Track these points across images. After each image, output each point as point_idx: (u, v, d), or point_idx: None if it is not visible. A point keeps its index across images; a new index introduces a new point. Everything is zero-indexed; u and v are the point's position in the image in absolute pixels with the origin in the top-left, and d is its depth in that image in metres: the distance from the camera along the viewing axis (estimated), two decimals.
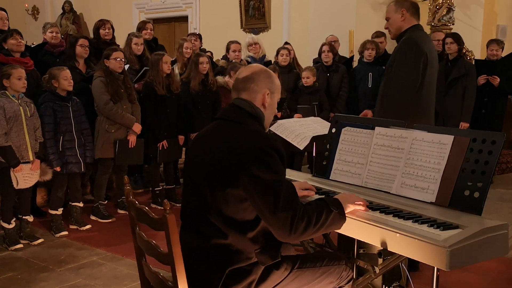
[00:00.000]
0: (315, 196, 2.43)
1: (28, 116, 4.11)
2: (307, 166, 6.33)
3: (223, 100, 5.50)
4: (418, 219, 2.08)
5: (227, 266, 1.93)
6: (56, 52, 5.33)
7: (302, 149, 4.58)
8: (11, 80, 4.03)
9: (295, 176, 2.81)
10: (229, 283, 1.93)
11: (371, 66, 5.92)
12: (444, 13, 7.71)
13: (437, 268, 2.10)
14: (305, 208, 1.95)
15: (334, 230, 2.12)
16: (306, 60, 7.14)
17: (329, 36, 6.75)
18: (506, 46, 6.68)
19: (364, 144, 2.66)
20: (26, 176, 4.10)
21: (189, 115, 5.38)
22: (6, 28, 5.10)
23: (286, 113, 5.62)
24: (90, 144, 4.59)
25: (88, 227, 4.64)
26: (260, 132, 2.05)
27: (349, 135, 2.75)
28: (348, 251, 2.54)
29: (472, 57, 7.26)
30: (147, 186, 5.89)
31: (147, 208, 1.95)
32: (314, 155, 4.89)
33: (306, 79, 5.75)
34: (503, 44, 6.35)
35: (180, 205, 2.25)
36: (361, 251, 2.49)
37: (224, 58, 6.42)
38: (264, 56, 6.46)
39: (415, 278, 3.13)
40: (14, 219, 4.17)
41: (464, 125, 5.70)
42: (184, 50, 5.87)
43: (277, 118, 5.05)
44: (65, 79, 4.33)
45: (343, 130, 2.78)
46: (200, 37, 7.13)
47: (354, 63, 6.60)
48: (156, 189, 5.35)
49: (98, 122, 4.77)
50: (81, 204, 4.65)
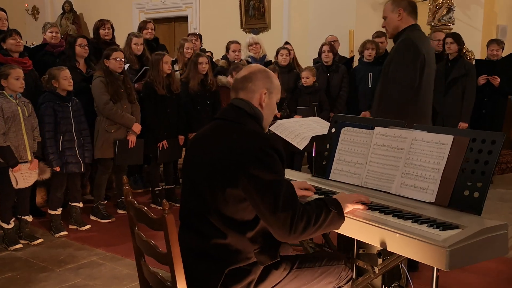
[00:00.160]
0: (314, 196, 2.43)
1: (26, 116, 4.11)
2: (307, 166, 6.32)
3: (226, 100, 5.49)
4: (418, 219, 2.08)
5: (226, 266, 1.93)
6: (56, 52, 5.33)
7: (301, 149, 4.57)
8: (9, 80, 4.03)
9: (295, 176, 2.81)
10: (228, 283, 1.93)
11: (371, 66, 5.91)
12: (444, 13, 7.71)
13: (436, 268, 2.09)
14: (304, 208, 1.95)
15: (333, 230, 2.12)
16: (306, 60, 7.14)
17: (329, 36, 6.75)
18: (506, 46, 6.68)
19: (363, 144, 2.66)
20: (25, 175, 4.10)
21: (188, 115, 5.38)
22: (5, 28, 5.09)
23: (286, 113, 5.62)
24: (89, 144, 4.59)
25: (87, 227, 4.64)
26: (259, 132, 2.05)
27: (348, 135, 2.75)
28: (347, 251, 2.53)
29: (472, 57, 7.26)
30: (147, 186, 5.89)
31: (146, 208, 1.94)
32: (313, 155, 4.88)
33: (306, 79, 5.75)
34: (503, 44, 6.35)
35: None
36: (360, 251, 2.49)
37: (224, 58, 6.41)
38: (264, 56, 6.46)
39: (415, 278, 3.13)
40: (13, 219, 4.17)
41: (463, 125, 5.69)
42: (185, 50, 5.88)
43: (276, 118, 5.04)
44: (65, 79, 4.33)
45: (342, 130, 2.78)
46: (200, 37, 7.14)
47: (354, 63, 6.59)
48: (156, 189, 5.35)
49: (98, 122, 4.77)
50: (80, 204, 4.65)
